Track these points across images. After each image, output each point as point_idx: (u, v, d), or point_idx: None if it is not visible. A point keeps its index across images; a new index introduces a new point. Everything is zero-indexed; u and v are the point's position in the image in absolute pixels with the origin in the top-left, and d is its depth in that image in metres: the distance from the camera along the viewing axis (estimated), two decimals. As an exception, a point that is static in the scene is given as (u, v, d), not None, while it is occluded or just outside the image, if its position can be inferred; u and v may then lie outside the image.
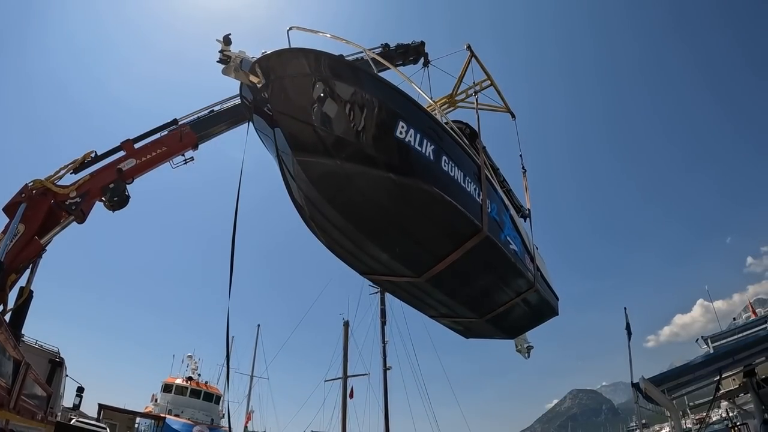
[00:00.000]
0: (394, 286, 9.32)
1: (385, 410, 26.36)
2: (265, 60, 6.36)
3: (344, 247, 7.90)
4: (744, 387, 12.51)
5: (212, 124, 11.91)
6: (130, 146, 11.08)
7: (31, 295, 9.62)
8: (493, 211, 8.35)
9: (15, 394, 6.31)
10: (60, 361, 10.51)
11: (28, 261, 9.54)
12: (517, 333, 12.93)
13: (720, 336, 16.73)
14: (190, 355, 36.26)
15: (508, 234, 8.94)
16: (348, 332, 18.76)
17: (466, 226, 7.43)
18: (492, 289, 9.65)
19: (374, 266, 8.34)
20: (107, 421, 20.80)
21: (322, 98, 6.13)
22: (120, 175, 10.60)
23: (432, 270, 8.17)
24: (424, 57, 15.82)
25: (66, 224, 10.15)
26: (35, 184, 10.06)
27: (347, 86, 6.24)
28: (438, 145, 7.09)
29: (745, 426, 13.41)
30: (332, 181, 6.47)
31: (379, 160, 6.36)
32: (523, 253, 9.63)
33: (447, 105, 13.24)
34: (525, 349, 13.49)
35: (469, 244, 7.70)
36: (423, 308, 10.59)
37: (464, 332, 12.13)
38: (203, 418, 30.07)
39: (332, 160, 6.25)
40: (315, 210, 7.11)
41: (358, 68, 6.63)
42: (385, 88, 6.63)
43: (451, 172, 7.23)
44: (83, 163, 10.82)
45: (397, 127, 6.48)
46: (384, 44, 15.27)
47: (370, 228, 7.28)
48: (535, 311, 11.25)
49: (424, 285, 8.69)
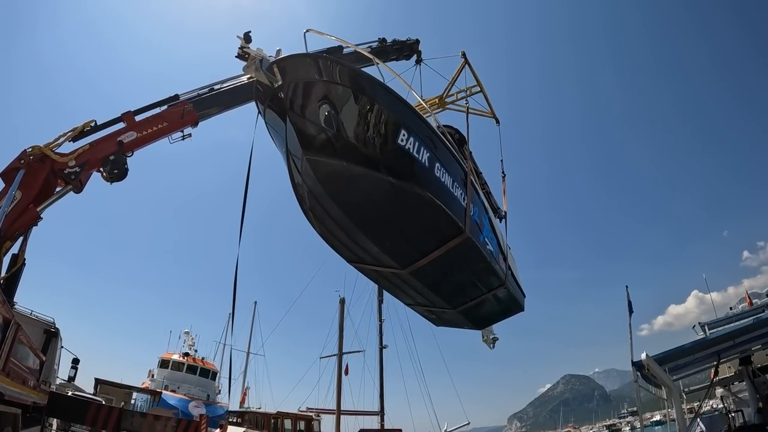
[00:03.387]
0: (377, 275, 10.03)
1: (380, 388, 26.78)
2: (283, 62, 6.72)
3: (338, 238, 8.54)
4: (739, 375, 12.54)
5: (213, 104, 12.06)
6: (130, 118, 11.13)
7: (23, 264, 9.59)
8: (475, 215, 9.15)
9: (3, 354, 6.30)
10: (55, 331, 10.58)
11: (24, 229, 9.52)
12: (485, 324, 13.95)
13: (716, 323, 16.38)
14: (187, 331, 36.19)
15: (486, 235, 9.79)
16: (344, 309, 19.20)
17: (451, 227, 8.21)
18: (467, 284, 10.54)
19: (363, 256, 9.04)
20: (103, 396, 20.78)
21: (336, 104, 6.66)
22: (120, 147, 10.70)
23: (416, 264, 8.96)
24: (417, 55, 16.38)
25: (63, 193, 10.14)
26: (34, 150, 9.99)
27: (360, 95, 6.78)
28: (433, 153, 7.79)
29: (740, 413, 13.27)
30: (337, 180, 7.05)
31: (381, 165, 6.98)
32: (497, 253, 10.52)
33: (437, 106, 13.93)
34: (490, 340, 14.53)
35: (452, 244, 8.51)
36: (401, 296, 11.42)
37: (436, 320, 13.06)
38: (199, 394, 30.24)
39: (339, 161, 6.82)
40: (316, 203, 7.67)
41: (371, 79, 7.13)
42: (394, 99, 7.22)
43: (443, 178, 7.96)
44: (82, 132, 10.84)
45: (400, 134, 7.12)
46: (381, 39, 15.73)
47: (366, 224, 7.95)
48: (504, 306, 12.24)
49: (407, 276, 9.47)
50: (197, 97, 12.07)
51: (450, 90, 13.90)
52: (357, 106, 6.79)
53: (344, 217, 7.74)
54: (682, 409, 9.23)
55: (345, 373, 24.43)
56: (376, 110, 6.92)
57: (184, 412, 23.10)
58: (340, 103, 6.70)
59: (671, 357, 9.12)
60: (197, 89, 12.30)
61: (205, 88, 12.39)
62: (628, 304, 12.52)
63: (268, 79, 6.84)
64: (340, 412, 18.17)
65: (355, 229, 8.00)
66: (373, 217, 7.85)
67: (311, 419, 23.61)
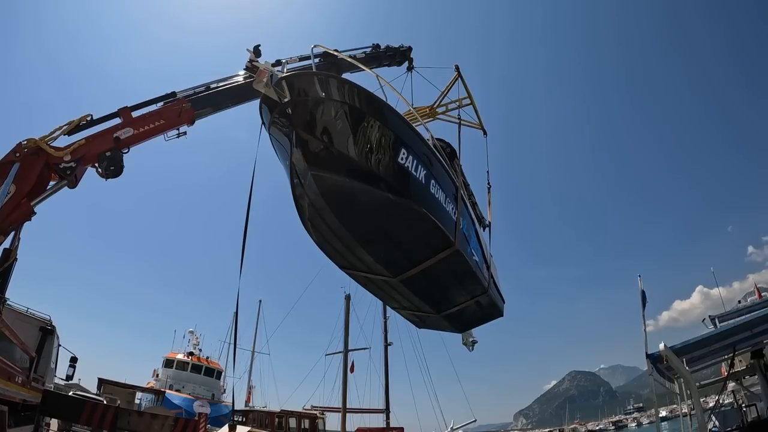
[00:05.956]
0: (367, 280, 10.40)
1: (386, 385, 27.31)
2: (292, 78, 6.89)
3: (334, 247, 8.86)
4: (751, 368, 12.37)
5: (210, 103, 12.08)
6: (127, 114, 11.06)
7: (15, 260, 9.36)
8: (464, 228, 9.65)
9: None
10: (51, 328, 10.39)
11: (17, 224, 9.37)
12: (467, 328, 14.57)
13: (726, 316, 15.95)
14: (191, 330, 36.36)
15: (472, 247, 10.32)
16: (349, 306, 19.24)
17: (442, 240, 8.68)
18: (452, 292, 11.09)
19: (356, 264, 9.42)
20: (107, 395, 20.66)
21: (342, 122, 6.96)
22: (117, 143, 10.65)
23: (407, 273, 9.46)
24: (408, 62, 16.72)
25: (58, 188, 10.01)
26: (29, 143, 9.86)
27: (367, 115, 7.08)
28: (429, 171, 8.20)
29: (753, 407, 13.02)
30: (340, 194, 7.35)
31: (382, 182, 7.36)
32: (482, 262, 11.07)
33: (427, 115, 14.33)
34: (470, 343, 15.15)
35: (442, 255, 9.02)
36: (388, 300, 11.90)
37: (419, 323, 13.59)
38: (204, 393, 30.29)
39: (343, 177, 7.14)
40: (316, 214, 7.94)
41: (378, 100, 7.40)
42: (397, 120, 7.58)
43: (437, 195, 8.40)
44: (78, 126, 10.73)
45: (400, 153, 7.51)
46: (375, 44, 16.01)
47: (363, 236, 8.33)
48: (485, 312, 12.88)
49: (397, 284, 9.95)
50: (194, 95, 12.06)
51: (441, 101, 14.32)
52: (363, 125, 7.08)
53: (343, 229, 8.07)
54: (700, 402, 8.80)
55: (351, 371, 23.86)
56: (381, 130, 7.23)
57: (188, 411, 23.12)
58: (346, 122, 6.97)
59: (689, 348, 8.62)
60: (194, 87, 12.32)
61: (201, 86, 12.41)
62: (641, 294, 12.05)
63: (276, 94, 7.05)
64: (346, 410, 18.42)
65: (353, 240, 8.35)
66: (370, 230, 8.23)
67: (315, 417, 23.56)
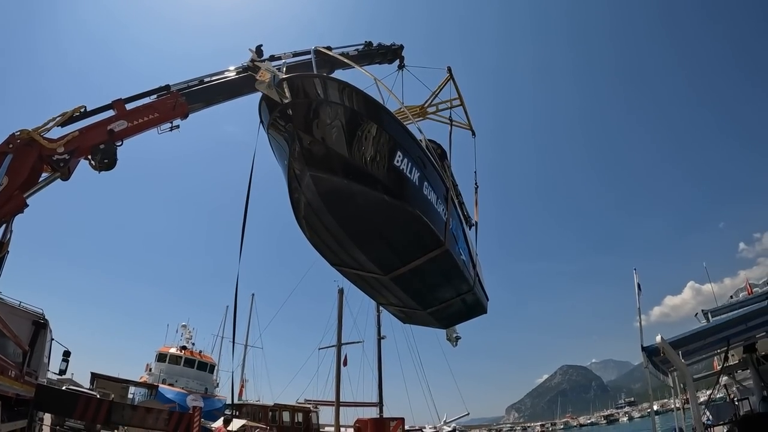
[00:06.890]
0: (358, 277, 10.69)
1: (379, 378, 27.33)
2: (293, 80, 7.07)
3: (328, 245, 9.11)
4: (744, 363, 12.51)
5: (204, 97, 12.06)
6: (121, 107, 10.97)
7: (7, 252, 9.23)
8: (453, 228, 10.01)
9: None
10: (44, 322, 10.32)
11: (8, 217, 9.19)
12: (452, 324, 14.98)
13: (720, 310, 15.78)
14: (184, 324, 36.24)
15: (460, 246, 10.70)
16: (342, 300, 19.29)
17: (433, 240, 9.02)
18: (440, 289, 11.47)
19: (349, 262, 9.70)
20: (100, 390, 20.38)
21: (342, 125, 7.16)
22: (111, 136, 10.64)
23: (397, 270, 9.79)
24: (400, 60, 16.92)
25: (51, 180, 9.95)
26: (22, 134, 9.77)
27: (366, 118, 7.32)
28: (422, 173, 8.51)
29: (746, 402, 13.03)
30: (337, 195, 7.59)
31: (378, 184, 7.62)
32: (468, 261, 11.46)
33: (418, 115, 14.61)
34: (454, 339, 15.56)
35: (432, 254, 9.38)
36: (376, 296, 12.22)
37: (405, 318, 13.94)
38: (197, 387, 30.12)
39: (341, 178, 7.37)
40: (312, 214, 8.13)
41: (377, 103, 7.66)
42: (395, 123, 7.85)
43: (429, 196, 8.72)
44: (72, 117, 10.69)
45: (396, 156, 7.78)
46: (368, 42, 16.15)
47: (357, 235, 8.60)
48: (469, 308, 13.29)
49: (387, 281, 10.27)
50: (188, 89, 12.06)
51: (432, 101, 14.61)
52: (362, 127, 7.32)
53: (338, 228, 8.32)
54: (696, 395, 8.89)
55: (344, 364, 24.26)
56: (379, 133, 7.47)
57: (181, 405, 22.94)
58: (345, 124, 7.18)
59: (685, 341, 8.66)
60: (187, 81, 12.33)
61: (195, 80, 12.43)
62: (637, 286, 12.16)
63: (278, 95, 7.18)
64: (339, 404, 18.54)
65: (347, 239, 8.61)
66: (365, 230, 8.51)
67: (309, 411, 23.71)
